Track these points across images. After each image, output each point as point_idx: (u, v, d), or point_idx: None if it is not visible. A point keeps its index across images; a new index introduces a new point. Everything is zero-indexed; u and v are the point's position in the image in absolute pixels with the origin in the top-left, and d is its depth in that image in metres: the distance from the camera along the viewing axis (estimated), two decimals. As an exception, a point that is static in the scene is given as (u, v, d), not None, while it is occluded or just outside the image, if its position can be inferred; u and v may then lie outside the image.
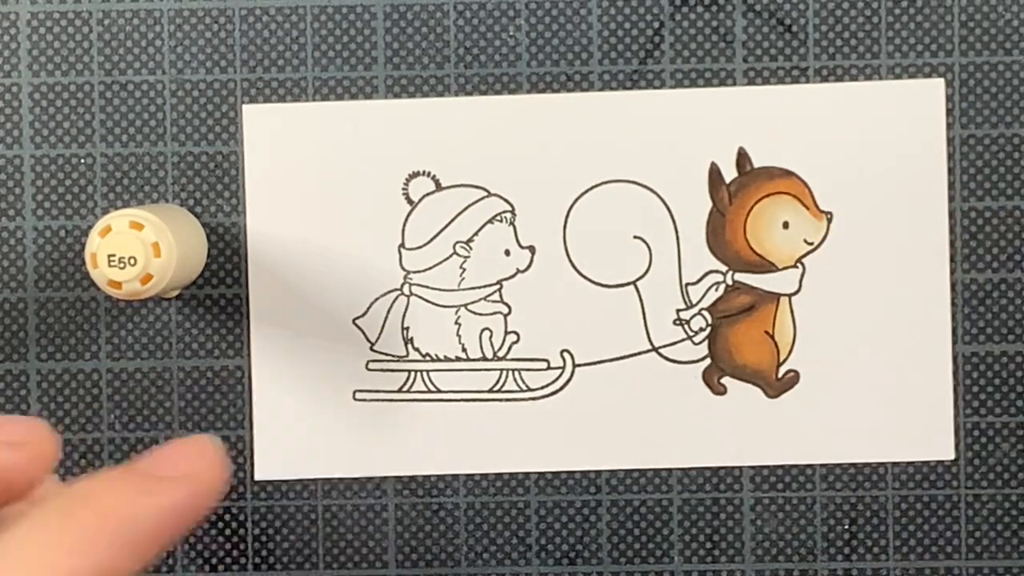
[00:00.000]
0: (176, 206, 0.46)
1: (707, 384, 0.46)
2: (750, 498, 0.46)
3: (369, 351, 0.46)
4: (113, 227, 0.41)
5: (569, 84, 0.46)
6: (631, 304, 0.46)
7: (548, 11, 0.46)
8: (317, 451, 0.46)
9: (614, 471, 0.46)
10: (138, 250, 0.41)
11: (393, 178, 0.46)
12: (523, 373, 0.46)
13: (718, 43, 0.46)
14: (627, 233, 0.46)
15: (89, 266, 0.41)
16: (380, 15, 0.46)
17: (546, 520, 0.47)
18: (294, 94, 0.46)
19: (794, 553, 0.46)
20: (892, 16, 0.46)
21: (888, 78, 0.46)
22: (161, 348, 0.46)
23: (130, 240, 0.41)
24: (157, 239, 0.41)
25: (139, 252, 0.41)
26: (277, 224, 0.46)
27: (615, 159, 0.46)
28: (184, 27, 0.46)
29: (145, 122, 0.46)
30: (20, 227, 0.46)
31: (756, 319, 0.46)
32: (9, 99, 0.46)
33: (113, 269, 0.41)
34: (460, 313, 0.46)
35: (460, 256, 0.46)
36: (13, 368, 0.46)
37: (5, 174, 0.46)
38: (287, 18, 0.46)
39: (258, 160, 0.46)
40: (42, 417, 0.46)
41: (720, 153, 0.46)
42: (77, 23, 0.46)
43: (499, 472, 0.46)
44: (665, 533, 0.46)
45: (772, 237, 0.46)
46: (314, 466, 0.47)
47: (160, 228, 0.41)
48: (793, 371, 0.46)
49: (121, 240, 0.41)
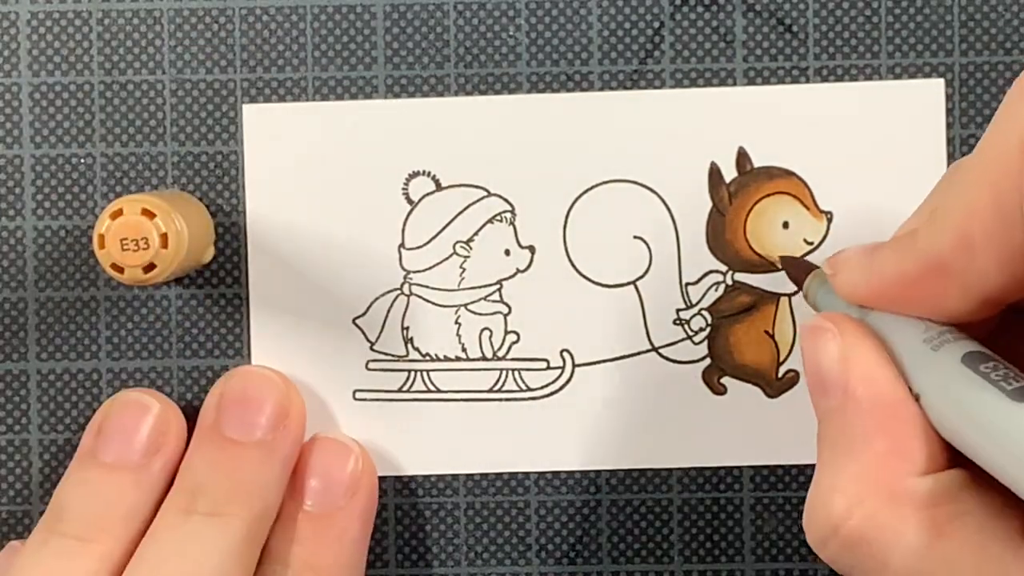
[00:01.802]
0: (187, 194, 0.46)
1: (707, 384, 0.46)
2: (750, 498, 0.46)
3: (369, 351, 0.46)
4: (125, 210, 0.41)
5: (569, 84, 0.46)
6: (631, 304, 0.46)
7: (548, 11, 0.46)
8: (317, 451, 0.46)
9: (614, 471, 0.46)
10: (147, 237, 0.41)
11: (393, 178, 0.46)
12: (523, 373, 0.46)
13: (718, 43, 0.46)
14: (627, 233, 0.46)
15: (95, 247, 0.41)
16: (380, 15, 0.46)
17: (546, 520, 0.47)
18: (294, 94, 0.46)
19: (794, 553, 0.46)
20: (892, 16, 0.46)
21: (888, 78, 0.46)
22: (161, 348, 0.46)
23: (141, 226, 0.41)
24: (167, 229, 0.41)
25: (148, 239, 0.41)
26: (277, 224, 0.46)
27: (615, 159, 0.46)
28: (184, 27, 0.46)
29: (145, 122, 0.46)
30: (20, 227, 0.46)
31: (756, 319, 0.46)
32: (9, 99, 0.46)
33: (126, 253, 0.41)
34: (460, 313, 0.46)
35: (460, 256, 0.46)
36: (13, 368, 0.46)
37: (5, 174, 0.46)
38: (287, 18, 0.46)
39: (258, 160, 0.46)
40: (42, 417, 0.46)
41: (720, 153, 0.46)
42: (77, 23, 0.46)
43: (499, 472, 0.46)
44: (665, 533, 0.46)
45: (772, 237, 0.46)
46: (314, 466, 0.47)
47: (170, 218, 0.41)
48: (793, 371, 0.46)
49: (131, 225, 0.41)
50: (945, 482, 0.32)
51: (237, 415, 0.44)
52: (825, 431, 0.34)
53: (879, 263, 0.34)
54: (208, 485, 0.43)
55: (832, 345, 0.34)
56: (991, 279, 0.31)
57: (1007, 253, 0.31)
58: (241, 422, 0.44)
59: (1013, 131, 0.31)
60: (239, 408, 0.44)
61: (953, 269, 0.32)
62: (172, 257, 0.41)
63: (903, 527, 0.31)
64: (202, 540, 0.42)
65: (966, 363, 0.32)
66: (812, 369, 0.34)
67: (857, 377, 0.33)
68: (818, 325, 0.34)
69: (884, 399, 0.33)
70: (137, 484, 0.43)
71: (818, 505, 0.33)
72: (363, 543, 0.45)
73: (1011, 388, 0.31)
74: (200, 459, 0.44)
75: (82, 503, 0.43)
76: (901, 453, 0.32)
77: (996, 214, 0.31)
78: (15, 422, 0.46)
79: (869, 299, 0.35)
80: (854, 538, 0.32)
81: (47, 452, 0.46)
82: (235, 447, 0.44)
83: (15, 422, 0.46)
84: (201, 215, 0.45)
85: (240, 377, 0.45)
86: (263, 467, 0.43)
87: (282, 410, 0.44)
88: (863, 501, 0.32)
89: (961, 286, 0.32)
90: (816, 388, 0.34)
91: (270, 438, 0.44)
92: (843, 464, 0.32)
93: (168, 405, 0.45)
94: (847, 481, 0.32)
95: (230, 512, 0.42)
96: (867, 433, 0.32)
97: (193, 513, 0.42)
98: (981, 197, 0.31)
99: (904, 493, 0.32)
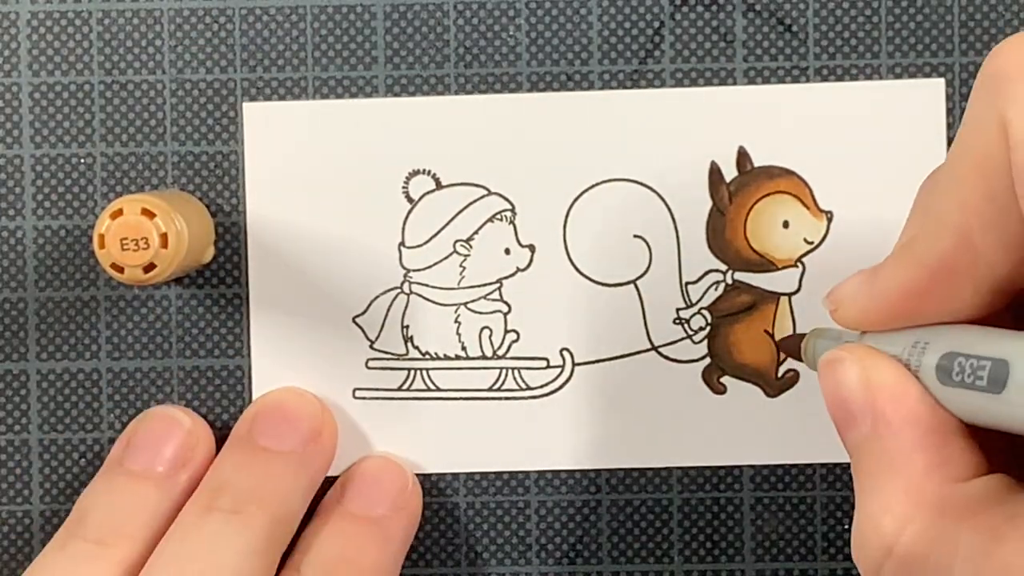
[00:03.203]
0: (187, 194, 0.46)
1: (707, 383, 0.46)
2: (750, 498, 0.46)
3: (369, 349, 0.46)
4: (125, 210, 0.41)
5: (569, 84, 0.46)
6: (631, 303, 0.46)
7: (548, 11, 0.46)
8: (317, 450, 0.46)
9: (614, 471, 0.46)
10: (147, 237, 0.41)
11: (393, 176, 0.46)
12: (523, 372, 0.46)
13: (718, 43, 0.46)
14: (627, 232, 0.46)
15: (96, 246, 0.41)
16: (380, 15, 0.46)
17: (546, 520, 0.46)
18: (294, 94, 0.46)
19: (794, 553, 0.46)
20: (892, 16, 0.46)
21: (888, 78, 0.46)
22: (161, 348, 0.46)
23: (141, 226, 0.41)
24: (166, 229, 0.41)
25: (148, 239, 0.41)
26: (277, 222, 0.46)
27: (615, 158, 0.46)
28: (184, 27, 0.46)
29: (145, 122, 0.46)
30: (20, 227, 0.46)
31: (756, 318, 0.46)
32: (9, 99, 0.46)
33: (126, 252, 0.41)
34: (460, 311, 0.46)
35: (460, 254, 0.46)
36: (13, 368, 0.46)
37: (5, 174, 0.46)
38: (287, 18, 0.46)
39: (258, 158, 0.46)
40: (41, 417, 0.46)
41: (720, 152, 0.46)
42: (77, 23, 0.46)
43: (499, 471, 0.46)
44: (665, 533, 0.46)
45: (772, 236, 0.46)
46: (314, 466, 0.47)
47: (170, 218, 0.41)
48: (793, 370, 0.46)
49: (131, 225, 0.41)
50: (992, 485, 0.31)
51: (271, 425, 0.44)
52: (860, 461, 0.33)
53: (881, 282, 0.34)
54: (231, 483, 0.43)
55: (852, 372, 0.33)
56: (998, 269, 0.31)
57: (1009, 239, 0.31)
58: (274, 432, 0.44)
59: (989, 118, 0.30)
60: (274, 419, 0.45)
61: (959, 268, 0.32)
62: (172, 257, 0.41)
63: (959, 536, 0.30)
64: (222, 537, 0.42)
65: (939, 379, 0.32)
66: (835, 402, 0.33)
67: (884, 398, 0.32)
68: (833, 357, 0.34)
69: (915, 414, 0.32)
70: (160, 492, 0.43)
71: (866, 531, 0.32)
72: (401, 557, 0.45)
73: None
74: (228, 462, 0.44)
75: (104, 508, 0.43)
76: (943, 464, 0.31)
77: (990, 202, 0.31)
78: (15, 422, 0.46)
79: (879, 321, 0.34)
80: (910, 556, 0.31)
81: (47, 452, 0.46)
82: (264, 453, 0.44)
83: (15, 422, 0.46)
84: (201, 215, 0.45)
85: (278, 393, 0.46)
86: (290, 474, 0.44)
87: (316, 427, 0.45)
88: (913, 518, 0.31)
89: (970, 283, 0.32)
90: (843, 420, 0.33)
91: (301, 450, 0.44)
92: (885, 487, 0.32)
93: (199, 423, 0.45)
94: (893, 502, 0.31)
95: (251, 511, 0.42)
96: (905, 451, 0.32)
97: (214, 510, 0.42)
98: (971, 189, 0.31)
99: (953, 502, 0.31)
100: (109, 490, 0.44)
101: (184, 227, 0.41)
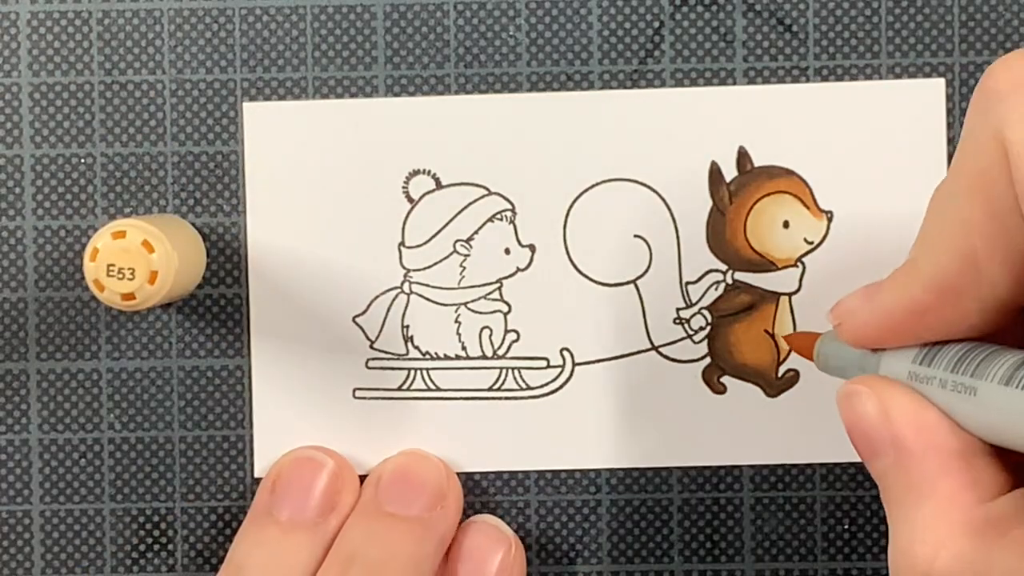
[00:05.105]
0: (178, 218, 0.46)
1: (707, 383, 0.46)
2: (750, 498, 0.46)
3: (369, 349, 0.46)
4: (128, 234, 0.40)
5: (569, 84, 0.46)
6: (631, 303, 0.46)
7: (548, 11, 0.46)
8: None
9: (614, 471, 0.46)
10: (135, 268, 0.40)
11: (393, 176, 0.46)
12: (523, 371, 0.46)
13: (718, 43, 0.46)
14: (627, 232, 0.46)
15: (87, 257, 0.41)
16: (380, 15, 0.46)
17: (546, 520, 0.46)
18: (294, 94, 0.46)
19: (794, 553, 0.46)
20: (892, 16, 0.46)
21: (888, 78, 0.46)
22: (161, 348, 0.46)
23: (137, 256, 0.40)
24: (158, 267, 0.41)
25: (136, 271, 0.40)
26: (277, 223, 0.46)
27: (615, 158, 0.46)
28: (184, 27, 0.46)
29: (145, 122, 0.46)
30: (20, 227, 0.46)
31: (756, 318, 0.46)
32: (9, 99, 0.46)
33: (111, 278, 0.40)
34: (460, 311, 0.46)
35: (460, 254, 0.46)
36: (13, 368, 0.46)
37: (5, 174, 0.46)
38: (287, 18, 0.46)
39: (258, 158, 0.46)
40: (41, 417, 0.46)
41: (720, 152, 0.46)
42: (77, 23, 0.46)
43: (499, 471, 0.46)
44: (665, 533, 0.46)
45: (772, 236, 0.46)
46: (314, 465, 0.46)
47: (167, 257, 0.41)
48: (793, 370, 0.46)
49: (129, 252, 0.40)
50: (1019, 500, 0.31)
51: (397, 491, 0.45)
52: (887, 490, 0.33)
53: (883, 300, 0.34)
54: (362, 554, 0.43)
55: (869, 405, 0.33)
56: (1002, 287, 0.31)
57: (1013, 256, 0.31)
58: (401, 498, 0.44)
59: (988, 135, 0.30)
60: (400, 485, 0.45)
61: (962, 287, 0.32)
62: (154, 293, 0.41)
63: (992, 556, 0.30)
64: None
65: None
66: (857, 434, 0.34)
67: (903, 427, 0.33)
68: (849, 391, 0.34)
69: (936, 440, 0.32)
70: (312, 540, 0.44)
71: (901, 560, 0.32)
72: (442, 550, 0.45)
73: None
74: (357, 529, 0.44)
75: (261, 564, 0.44)
76: (968, 486, 0.32)
77: (993, 220, 0.31)
78: (15, 422, 0.46)
79: (881, 338, 0.34)
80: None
81: (47, 452, 0.46)
82: (392, 519, 0.44)
83: (15, 422, 0.46)
84: (197, 251, 0.45)
85: (403, 457, 0.46)
86: (418, 542, 0.44)
87: (440, 491, 0.45)
88: (945, 543, 0.31)
89: (975, 301, 0.32)
90: (866, 451, 0.33)
91: (427, 516, 0.44)
92: (915, 515, 0.32)
93: (342, 462, 0.45)
94: (923, 529, 0.32)
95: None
96: (930, 478, 0.32)
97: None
98: (973, 208, 0.31)
99: (983, 522, 0.31)
100: (261, 542, 0.44)
101: (175, 264, 0.41)
